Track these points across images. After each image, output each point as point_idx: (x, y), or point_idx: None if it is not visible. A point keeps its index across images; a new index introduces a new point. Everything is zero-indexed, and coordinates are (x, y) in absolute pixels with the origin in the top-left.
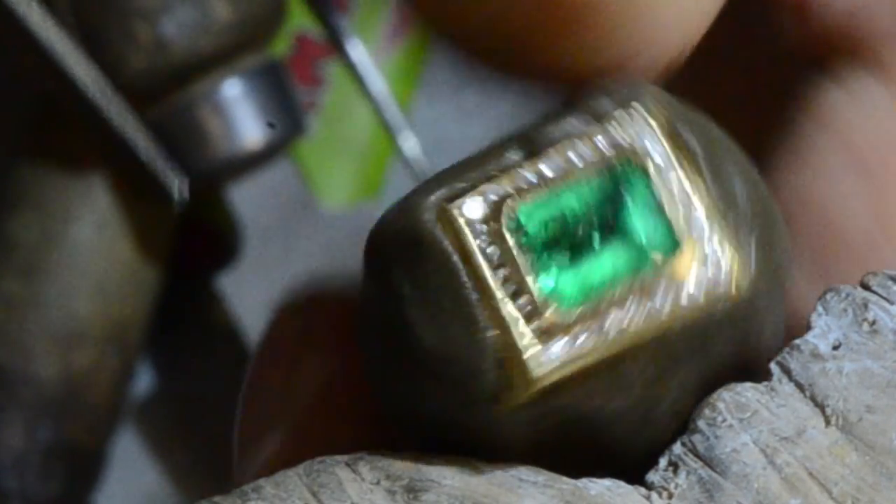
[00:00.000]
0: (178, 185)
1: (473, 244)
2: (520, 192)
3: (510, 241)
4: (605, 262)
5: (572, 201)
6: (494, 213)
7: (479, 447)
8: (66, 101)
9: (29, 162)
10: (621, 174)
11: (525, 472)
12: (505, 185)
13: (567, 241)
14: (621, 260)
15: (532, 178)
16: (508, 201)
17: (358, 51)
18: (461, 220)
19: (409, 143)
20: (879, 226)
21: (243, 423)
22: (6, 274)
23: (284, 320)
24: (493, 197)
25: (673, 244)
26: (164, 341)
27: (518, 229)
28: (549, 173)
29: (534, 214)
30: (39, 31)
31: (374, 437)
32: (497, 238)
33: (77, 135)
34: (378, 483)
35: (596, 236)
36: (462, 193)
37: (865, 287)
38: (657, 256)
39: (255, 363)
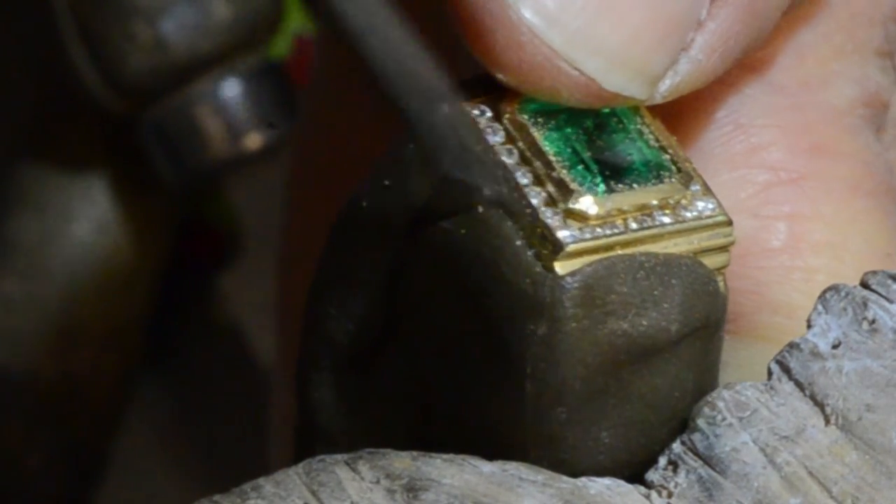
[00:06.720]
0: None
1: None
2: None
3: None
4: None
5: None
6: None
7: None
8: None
9: (29, 162)
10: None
11: (525, 471)
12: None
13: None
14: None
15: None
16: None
17: None
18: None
19: None
20: None
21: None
22: (6, 274)
23: None
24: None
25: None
26: (164, 341)
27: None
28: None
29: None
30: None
31: None
32: (518, 128)
33: (77, 135)
34: (378, 482)
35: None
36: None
37: (865, 286)
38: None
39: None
